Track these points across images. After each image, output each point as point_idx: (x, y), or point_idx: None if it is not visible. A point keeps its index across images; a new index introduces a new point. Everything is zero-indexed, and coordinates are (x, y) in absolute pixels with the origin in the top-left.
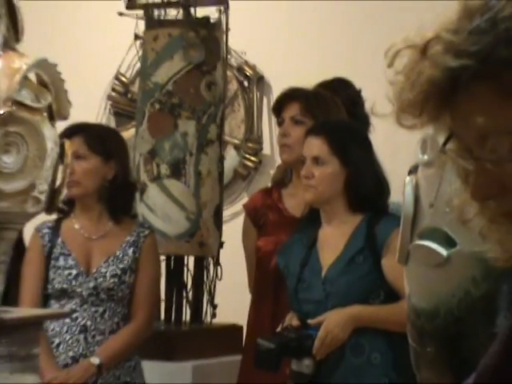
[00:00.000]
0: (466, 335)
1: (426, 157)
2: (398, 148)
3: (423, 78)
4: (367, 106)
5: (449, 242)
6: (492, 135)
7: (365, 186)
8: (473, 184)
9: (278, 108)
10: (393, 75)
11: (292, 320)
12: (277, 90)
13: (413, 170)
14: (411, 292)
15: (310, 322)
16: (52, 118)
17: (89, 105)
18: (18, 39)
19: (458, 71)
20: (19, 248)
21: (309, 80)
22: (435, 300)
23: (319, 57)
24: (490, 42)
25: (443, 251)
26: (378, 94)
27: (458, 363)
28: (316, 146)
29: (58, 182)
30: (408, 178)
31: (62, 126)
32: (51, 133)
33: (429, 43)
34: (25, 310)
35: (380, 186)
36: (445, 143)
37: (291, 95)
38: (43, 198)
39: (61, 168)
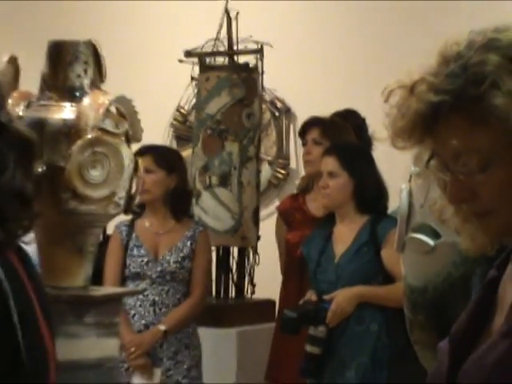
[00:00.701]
0: (449, 306)
1: (417, 169)
2: (395, 163)
3: (411, 110)
4: (370, 130)
5: (435, 235)
6: (463, 154)
7: (368, 194)
8: (449, 191)
9: (303, 132)
10: (388, 108)
11: (311, 296)
12: (301, 119)
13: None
14: (406, 273)
15: (325, 297)
16: (128, 141)
17: (156, 131)
18: (102, 80)
19: (438, 105)
20: (104, 241)
21: (325, 110)
22: (425, 279)
23: (333, 93)
24: (462, 82)
25: (431, 242)
26: (377, 123)
27: (443, 328)
28: (330, 163)
29: (132, 190)
30: (404, 186)
31: (135, 146)
32: (128, 152)
33: (415, 84)
34: (108, 289)
35: (380, 193)
36: (428, 160)
37: (313, 122)
38: (122, 202)
39: (135, 179)
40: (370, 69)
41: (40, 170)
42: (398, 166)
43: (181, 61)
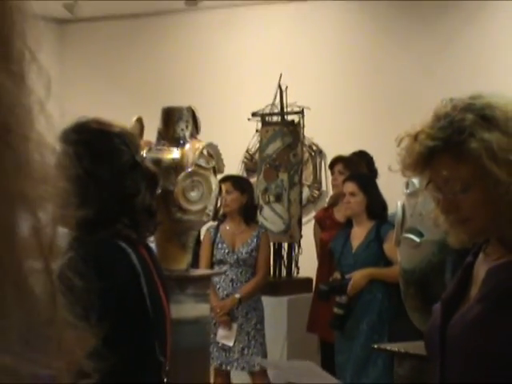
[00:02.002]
0: (429, 283)
1: (408, 191)
2: (392, 187)
3: (415, 152)
4: (379, 165)
5: (420, 235)
6: (451, 180)
7: (375, 207)
8: (441, 206)
9: (331, 166)
10: (399, 151)
11: (337, 275)
12: (329, 157)
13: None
14: (401, 260)
15: (346, 276)
16: (215, 172)
17: (233, 166)
18: (197, 133)
19: (433, 148)
20: (198, 239)
21: (346, 151)
22: (413, 264)
23: (352, 139)
24: (449, 133)
25: (417, 239)
26: (392, 160)
27: (426, 297)
28: (351, 186)
29: (218, 205)
30: (399, 202)
31: (219, 176)
32: (214, 180)
33: (418, 134)
34: (202, 270)
35: (383, 206)
36: (426, 185)
37: (338, 159)
38: (211, 213)
39: (219, 198)
40: (380, 123)
41: (157, 192)
42: (392, 189)
43: (249, 119)
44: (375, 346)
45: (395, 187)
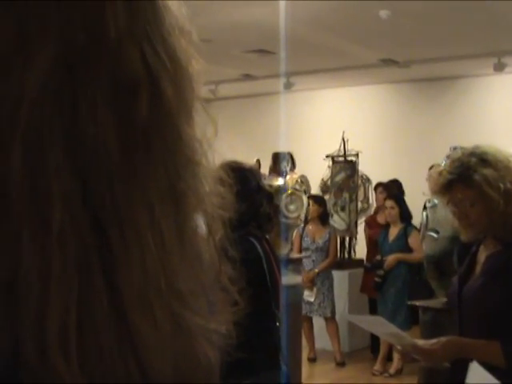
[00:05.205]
0: (443, 263)
1: (430, 205)
2: (417, 202)
3: (440, 182)
4: (405, 188)
5: (437, 232)
6: (463, 200)
7: (404, 216)
8: (457, 215)
9: (375, 189)
10: (430, 182)
11: (378, 257)
12: (374, 182)
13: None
14: (426, 248)
15: (384, 258)
16: (305, 193)
17: (315, 188)
18: (294, 168)
19: (451, 180)
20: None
21: (384, 179)
22: (433, 251)
23: (389, 172)
24: (461, 170)
25: (435, 235)
26: (414, 185)
27: (440, 271)
28: (390, 203)
29: (306, 213)
30: (424, 212)
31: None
32: (305, 198)
33: (441, 171)
34: (296, 254)
35: (409, 215)
36: (447, 203)
37: (379, 184)
38: (302, 219)
39: (307, 209)
40: (407, 161)
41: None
42: (415, 203)
43: (324, 159)
44: (408, 303)
45: (416, 202)
